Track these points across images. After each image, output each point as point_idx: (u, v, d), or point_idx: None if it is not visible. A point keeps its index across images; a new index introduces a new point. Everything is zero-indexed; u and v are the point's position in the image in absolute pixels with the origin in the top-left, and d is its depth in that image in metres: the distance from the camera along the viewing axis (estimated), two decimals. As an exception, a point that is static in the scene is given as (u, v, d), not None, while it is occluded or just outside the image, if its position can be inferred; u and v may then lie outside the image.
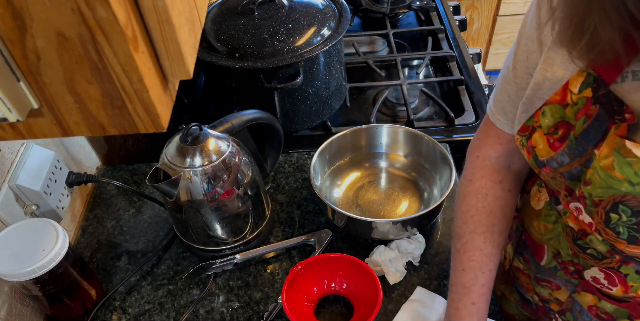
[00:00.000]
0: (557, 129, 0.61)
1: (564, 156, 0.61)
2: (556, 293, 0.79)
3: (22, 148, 0.92)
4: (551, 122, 0.62)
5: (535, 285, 0.82)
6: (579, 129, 0.59)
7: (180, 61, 0.44)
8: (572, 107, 0.59)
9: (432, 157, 1.03)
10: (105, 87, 0.41)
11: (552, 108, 0.61)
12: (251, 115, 0.94)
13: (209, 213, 0.88)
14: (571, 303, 0.77)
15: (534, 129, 0.65)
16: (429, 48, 1.46)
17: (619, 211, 0.56)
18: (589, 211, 0.61)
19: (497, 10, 2.42)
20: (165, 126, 0.45)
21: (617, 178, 0.54)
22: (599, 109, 0.56)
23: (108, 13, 0.36)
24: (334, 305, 0.90)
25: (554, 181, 0.66)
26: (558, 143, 0.62)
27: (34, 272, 0.76)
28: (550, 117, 0.62)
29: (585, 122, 0.57)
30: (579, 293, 0.74)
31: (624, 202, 0.55)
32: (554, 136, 0.62)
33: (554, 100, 0.61)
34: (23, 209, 0.90)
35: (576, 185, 0.62)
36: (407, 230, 0.93)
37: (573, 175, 0.61)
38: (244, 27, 1.06)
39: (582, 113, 0.58)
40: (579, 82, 0.57)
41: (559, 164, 0.62)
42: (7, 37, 0.37)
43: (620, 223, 0.57)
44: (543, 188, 0.75)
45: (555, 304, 0.81)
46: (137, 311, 0.92)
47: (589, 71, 0.56)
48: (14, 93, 0.40)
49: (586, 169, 0.59)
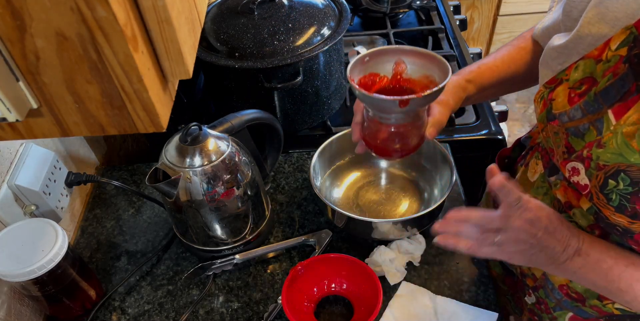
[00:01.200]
0: (582, 84, 0.62)
1: (577, 110, 0.62)
2: (533, 268, 0.81)
3: (22, 148, 0.92)
4: (579, 77, 0.62)
5: None
6: (601, 86, 0.59)
7: (179, 61, 0.44)
8: (604, 64, 0.59)
9: (432, 157, 1.03)
10: (105, 87, 0.41)
11: (587, 63, 0.62)
12: (251, 115, 0.94)
13: (209, 213, 0.88)
14: (544, 281, 0.79)
15: (560, 82, 0.66)
16: (429, 48, 1.46)
17: (619, 178, 0.57)
18: (589, 173, 0.61)
19: (497, 10, 2.42)
20: (165, 126, 0.45)
21: (633, 148, 0.55)
22: (628, 68, 0.56)
23: (108, 13, 0.36)
24: (334, 306, 0.90)
25: (554, 138, 0.67)
26: (577, 98, 0.62)
27: (33, 272, 0.76)
28: (580, 71, 0.62)
29: (610, 80, 0.58)
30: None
31: (626, 171, 0.56)
32: (576, 91, 0.63)
33: (592, 55, 0.61)
34: (22, 210, 0.89)
35: (577, 142, 0.63)
36: (407, 230, 0.93)
37: (579, 132, 0.62)
38: (244, 26, 1.05)
39: (611, 71, 0.58)
40: (619, 40, 0.57)
41: (570, 118, 0.63)
42: (6, 37, 0.37)
43: (616, 190, 0.58)
44: (540, 160, 0.77)
45: (531, 280, 0.82)
46: (136, 311, 0.91)
47: (633, 29, 0.56)
48: (14, 93, 0.40)
49: (593, 128, 0.60)
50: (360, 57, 0.73)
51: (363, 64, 0.73)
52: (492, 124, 1.23)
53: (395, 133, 0.75)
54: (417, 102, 0.67)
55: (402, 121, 0.73)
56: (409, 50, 0.73)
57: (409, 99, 0.65)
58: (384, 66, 0.75)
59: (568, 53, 0.65)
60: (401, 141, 0.76)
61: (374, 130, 0.76)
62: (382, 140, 0.76)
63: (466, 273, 0.93)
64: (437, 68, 0.71)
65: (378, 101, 0.68)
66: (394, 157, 0.81)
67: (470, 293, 0.90)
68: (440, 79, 0.70)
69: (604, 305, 0.73)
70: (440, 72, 0.70)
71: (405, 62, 0.74)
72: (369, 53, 0.73)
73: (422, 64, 0.73)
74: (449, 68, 0.68)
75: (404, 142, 0.76)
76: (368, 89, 0.74)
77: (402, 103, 0.66)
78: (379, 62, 0.74)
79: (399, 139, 0.76)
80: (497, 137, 1.21)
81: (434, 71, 0.72)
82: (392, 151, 0.78)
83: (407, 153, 0.79)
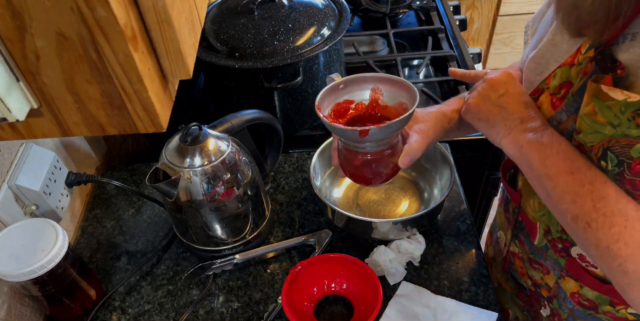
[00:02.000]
0: (560, 88, 0.64)
1: (562, 113, 0.64)
2: (547, 277, 0.80)
3: (22, 148, 0.92)
4: (557, 83, 0.64)
5: (529, 268, 0.83)
6: (576, 87, 0.61)
7: (179, 61, 0.44)
8: (577, 67, 0.61)
9: (432, 157, 1.03)
10: (105, 87, 0.41)
11: (563, 70, 0.64)
12: (251, 115, 0.94)
13: (209, 213, 0.88)
14: (557, 290, 0.78)
15: (542, 91, 0.67)
16: (429, 48, 1.46)
17: (608, 159, 0.58)
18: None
19: (497, 10, 2.42)
20: (165, 126, 0.45)
21: (600, 122, 0.56)
22: (595, 66, 0.58)
23: (108, 13, 0.36)
24: (334, 305, 0.90)
25: None
26: (559, 102, 0.64)
27: (34, 272, 0.76)
28: (558, 78, 0.64)
29: (582, 80, 0.60)
30: (564, 279, 0.75)
31: (610, 148, 0.57)
32: (557, 96, 0.65)
33: (566, 62, 0.63)
34: (22, 210, 0.90)
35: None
36: (407, 230, 0.93)
37: (569, 132, 0.63)
38: (244, 26, 1.05)
39: (582, 72, 0.60)
40: (588, 43, 0.60)
41: (558, 122, 0.65)
42: (6, 36, 0.37)
43: (608, 172, 0.59)
44: None
45: (545, 290, 0.82)
46: (136, 311, 0.91)
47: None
48: (14, 93, 0.40)
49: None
50: (335, 84, 0.73)
51: (337, 92, 0.74)
52: (492, 124, 1.22)
53: (368, 161, 0.75)
54: (378, 133, 0.67)
55: (373, 149, 0.73)
56: (384, 78, 0.74)
57: (367, 129, 0.66)
58: (360, 93, 0.75)
59: (545, 63, 0.67)
60: (374, 168, 0.76)
61: (348, 157, 0.77)
62: (355, 167, 0.77)
63: (466, 273, 0.93)
64: (408, 95, 0.72)
65: (340, 130, 0.69)
66: (371, 184, 0.80)
67: (470, 292, 0.90)
68: (411, 107, 0.70)
69: (617, 311, 0.71)
70: (411, 99, 0.71)
71: (381, 89, 0.74)
72: (344, 80, 0.74)
73: (396, 91, 0.74)
74: (417, 96, 0.69)
75: (377, 170, 0.76)
76: (342, 115, 0.75)
77: (362, 133, 0.67)
78: (355, 89, 0.75)
79: (372, 167, 0.76)
80: (497, 137, 1.20)
81: (406, 98, 0.73)
82: (367, 178, 0.78)
83: (382, 181, 0.79)
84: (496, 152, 1.23)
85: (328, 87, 0.73)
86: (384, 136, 0.70)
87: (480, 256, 0.95)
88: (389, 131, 0.69)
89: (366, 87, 0.75)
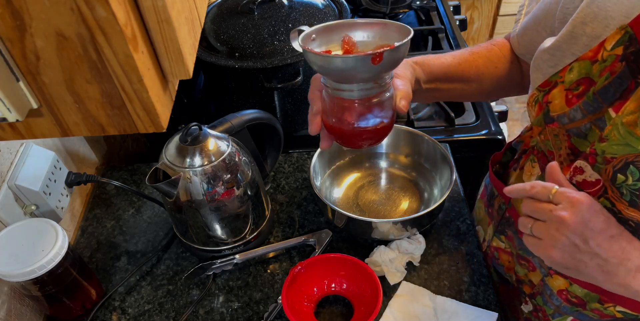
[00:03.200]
0: (579, 85, 0.61)
1: (577, 111, 0.61)
2: (531, 274, 0.79)
3: (22, 148, 0.92)
4: (575, 78, 0.62)
5: (516, 264, 0.83)
6: (599, 85, 0.58)
7: (179, 61, 0.44)
8: (600, 64, 0.59)
9: (432, 157, 1.03)
10: (105, 87, 0.41)
11: (581, 64, 0.61)
12: (251, 115, 0.94)
13: (209, 213, 0.88)
14: (542, 287, 0.78)
15: (555, 84, 0.65)
16: (429, 48, 1.46)
17: (628, 172, 0.56)
18: (597, 169, 0.60)
19: (497, 10, 2.42)
20: (165, 126, 0.45)
21: (637, 136, 0.54)
22: (625, 66, 0.56)
23: (107, 13, 0.36)
24: (334, 305, 0.90)
25: (554, 140, 0.66)
26: (576, 99, 0.62)
27: (34, 272, 0.76)
28: (576, 72, 0.62)
29: (608, 79, 0.57)
30: (551, 276, 0.75)
31: (635, 163, 0.55)
32: (573, 92, 0.62)
33: (586, 56, 0.60)
34: (22, 210, 0.89)
35: (582, 143, 0.62)
36: (407, 230, 0.93)
37: (581, 132, 0.61)
38: (244, 26, 1.05)
39: (608, 70, 0.58)
40: (614, 40, 0.57)
41: (570, 119, 0.62)
42: (6, 37, 0.37)
43: (625, 185, 0.57)
44: (536, 162, 0.76)
45: (528, 286, 0.81)
46: (136, 311, 0.91)
47: (628, 28, 0.56)
48: (14, 93, 0.40)
49: (595, 127, 0.59)
50: (306, 34, 0.64)
51: (310, 42, 0.65)
52: (492, 124, 1.23)
53: (365, 109, 0.65)
54: (392, 57, 0.59)
55: (372, 92, 0.63)
56: (360, 23, 0.66)
57: (382, 52, 0.57)
58: (333, 44, 0.66)
59: (561, 55, 0.65)
60: (373, 118, 0.66)
61: (339, 113, 0.66)
62: (350, 123, 0.66)
63: (466, 273, 0.93)
64: (394, 33, 0.64)
65: (347, 62, 0.58)
66: (367, 142, 0.70)
67: (470, 293, 0.90)
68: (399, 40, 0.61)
69: (605, 308, 0.71)
70: (400, 35, 0.63)
71: (354, 36, 0.66)
72: (315, 30, 0.65)
73: (375, 34, 0.66)
74: (409, 28, 0.62)
75: (377, 119, 0.66)
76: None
77: (376, 58, 0.57)
78: (327, 40, 0.66)
79: (370, 117, 0.66)
80: (497, 137, 1.21)
81: (391, 37, 0.64)
82: (364, 134, 0.68)
83: (381, 134, 0.69)
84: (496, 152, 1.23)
85: (301, 38, 0.63)
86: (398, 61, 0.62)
87: (480, 256, 0.95)
88: (401, 54, 0.61)
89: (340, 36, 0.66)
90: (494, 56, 0.85)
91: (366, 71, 0.59)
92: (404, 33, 0.62)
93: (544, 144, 0.71)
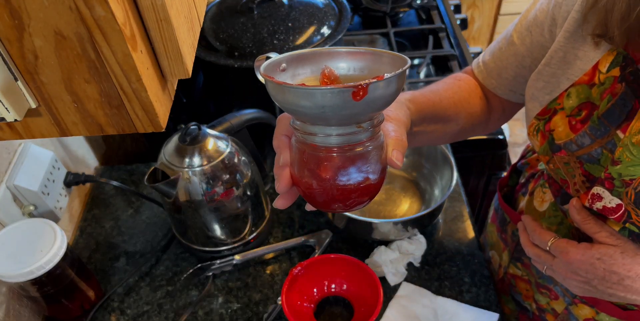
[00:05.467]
0: (580, 110, 0.60)
1: (584, 137, 0.60)
2: (554, 303, 0.77)
3: (20, 148, 0.92)
4: (575, 104, 0.60)
5: (535, 292, 0.81)
6: (602, 109, 0.57)
7: (178, 60, 0.43)
8: (599, 87, 0.58)
9: (432, 157, 1.03)
10: (104, 86, 0.40)
11: (579, 89, 0.60)
12: (250, 114, 0.93)
13: (208, 214, 0.87)
14: (567, 316, 0.76)
15: (555, 111, 0.63)
16: (429, 47, 1.46)
17: None
18: (617, 193, 0.58)
19: (498, 9, 2.42)
20: (164, 126, 0.45)
21: None
22: (625, 87, 0.55)
23: (106, 12, 0.35)
24: (334, 306, 0.89)
25: (566, 168, 0.64)
26: (580, 125, 0.60)
27: (32, 273, 0.76)
28: (575, 98, 0.60)
29: (610, 101, 0.56)
30: (576, 305, 0.73)
31: None
32: (576, 118, 0.60)
33: (582, 81, 0.59)
34: (21, 210, 0.89)
35: (596, 169, 0.60)
36: (407, 231, 0.93)
37: (592, 158, 0.60)
38: (244, 26, 1.05)
39: (608, 92, 0.57)
40: (608, 62, 0.56)
41: (579, 146, 0.61)
42: (4, 36, 0.37)
43: None
44: (547, 188, 0.74)
45: (551, 315, 0.79)
46: (135, 312, 0.91)
47: (619, 49, 0.56)
48: (12, 92, 0.39)
49: (607, 151, 0.58)
50: (274, 62, 0.49)
51: (279, 73, 0.50)
52: (493, 124, 1.22)
53: (346, 161, 0.49)
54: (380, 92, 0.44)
55: (354, 138, 0.48)
56: (344, 52, 0.51)
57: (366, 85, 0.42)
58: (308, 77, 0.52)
59: (556, 81, 0.63)
60: (356, 173, 0.50)
61: (311, 164, 0.50)
62: (325, 178, 0.50)
63: (467, 274, 0.92)
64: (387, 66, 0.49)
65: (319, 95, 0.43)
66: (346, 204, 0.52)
67: (471, 293, 0.90)
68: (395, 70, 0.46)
69: None
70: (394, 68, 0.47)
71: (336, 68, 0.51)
72: (285, 57, 0.50)
73: (364, 66, 0.51)
74: (405, 58, 0.47)
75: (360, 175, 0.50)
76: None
77: (359, 92, 0.43)
78: (302, 71, 0.51)
79: (352, 172, 0.50)
80: (498, 137, 1.20)
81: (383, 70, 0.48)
82: (342, 193, 0.51)
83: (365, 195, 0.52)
84: (497, 152, 1.23)
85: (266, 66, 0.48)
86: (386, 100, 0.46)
87: (481, 256, 0.95)
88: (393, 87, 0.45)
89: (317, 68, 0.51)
90: (465, 92, 0.76)
91: (345, 109, 0.44)
92: (400, 64, 0.47)
93: (554, 173, 0.69)
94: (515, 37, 0.71)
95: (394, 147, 0.52)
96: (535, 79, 0.67)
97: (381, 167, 0.51)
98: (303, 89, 0.44)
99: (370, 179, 0.51)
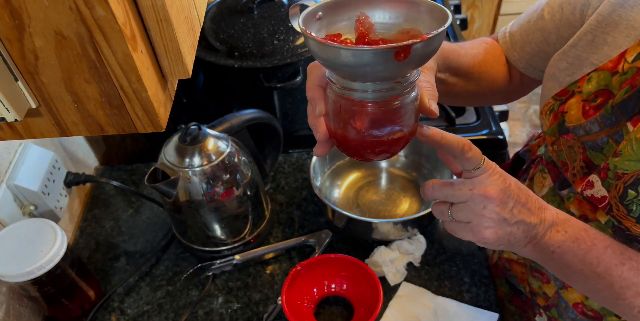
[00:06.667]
0: (597, 96, 0.60)
1: (594, 124, 0.60)
2: (545, 286, 0.78)
3: (20, 148, 0.92)
4: (593, 89, 0.60)
5: (529, 275, 0.82)
6: (618, 99, 0.57)
7: (179, 60, 0.44)
8: (621, 76, 0.57)
9: (432, 157, 1.03)
10: (104, 86, 0.41)
11: (600, 75, 0.59)
12: (250, 115, 0.93)
13: (208, 214, 0.88)
14: (557, 299, 0.77)
15: (572, 94, 0.63)
16: (429, 48, 1.46)
17: (639, 188, 0.55)
18: (607, 184, 0.59)
19: (498, 9, 2.42)
20: (164, 126, 0.45)
21: None
22: None
23: (106, 12, 0.36)
24: (334, 306, 0.90)
25: (568, 151, 0.64)
26: (593, 111, 0.60)
27: (32, 273, 0.76)
28: (595, 83, 0.60)
29: (627, 92, 0.56)
30: (567, 289, 0.74)
31: None
32: (591, 104, 0.60)
33: (606, 67, 0.59)
34: (21, 210, 0.89)
35: (597, 156, 0.60)
36: (407, 231, 0.93)
37: (597, 145, 0.60)
38: (244, 26, 1.05)
39: (628, 83, 0.56)
40: (636, 52, 0.56)
41: (586, 132, 0.61)
42: (5, 36, 0.37)
43: (636, 200, 0.56)
44: (547, 173, 0.74)
45: (542, 298, 0.80)
46: (135, 312, 0.91)
47: None
48: (12, 93, 0.39)
49: (612, 142, 0.58)
50: (310, 11, 0.48)
51: (313, 23, 0.49)
52: (493, 124, 1.22)
53: (381, 115, 0.50)
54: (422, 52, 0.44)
55: (391, 93, 0.49)
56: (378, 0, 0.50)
57: (409, 46, 0.42)
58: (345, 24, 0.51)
59: (580, 64, 0.63)
60: (390, 126, 0.51)
61: (347, 117, 0.51)
62: (360, 131, 0.52)
63: (467, 274, 0.92)
64: (425, 16, 0.48)
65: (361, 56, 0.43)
66: (379, 155, 0.55)
67: (471, 293, 0.90)
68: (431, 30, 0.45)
69: None
70: (432, 20, 0.48)
71: (372, 16, 0.50)
72: (321, 6, 0.49)
73: (400, 15, 0.50)
74: (446, 11, 0.46)
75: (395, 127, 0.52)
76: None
77: (401, 53, 0.43)
78: (337, 19, 0.50)
79: (386, 125, 0.51)
80: (498, 137, 1.20)
81: (420, 20, 0.49)
82: (376, 145, 0.53)
83: (397, 147, 0.54)
84: (497, 152, 1.23)
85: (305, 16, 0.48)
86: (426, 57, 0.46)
87: (481, 256, 0.95)
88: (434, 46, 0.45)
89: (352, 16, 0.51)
90: (490, 55, 0.78)
91: (386, 69, 0.45)
92: (438, 18, 0.47)
93: (556, 155, 0.69)
94: (546, 11, 0.70)
95: (429, 97, 0.53)
96: (558, 58, 0.66)
97: (414, 119, 0.53)
98: (345, 49, 0.43)
99: (403, 131, 0.52)
